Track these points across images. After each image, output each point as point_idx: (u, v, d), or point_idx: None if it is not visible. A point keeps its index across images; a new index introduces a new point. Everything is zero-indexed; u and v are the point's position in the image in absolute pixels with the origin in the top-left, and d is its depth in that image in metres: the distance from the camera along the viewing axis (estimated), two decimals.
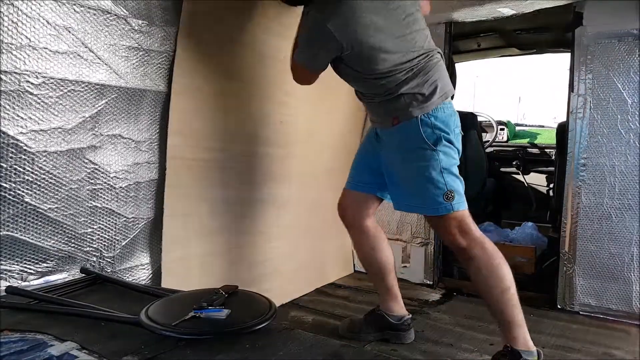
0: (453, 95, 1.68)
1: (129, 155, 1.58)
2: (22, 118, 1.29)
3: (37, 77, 1.30)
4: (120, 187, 1.57)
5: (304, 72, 1.68)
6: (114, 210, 1.56)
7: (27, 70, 1.28)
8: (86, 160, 1.47)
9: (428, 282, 2.81)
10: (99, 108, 1.47)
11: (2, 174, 1.28)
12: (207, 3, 1.71)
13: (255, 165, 2.09)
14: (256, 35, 1.94)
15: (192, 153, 1.80)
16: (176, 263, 1.77)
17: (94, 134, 1.47)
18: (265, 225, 2.19)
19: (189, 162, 1.79)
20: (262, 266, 2.19)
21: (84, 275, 1.46)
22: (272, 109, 2.13)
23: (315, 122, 2.41)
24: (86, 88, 1.42)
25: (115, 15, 1.45)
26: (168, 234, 1.72)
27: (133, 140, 1.58)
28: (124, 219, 1.60)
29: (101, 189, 1.52)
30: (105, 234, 1.55)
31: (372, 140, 1.80)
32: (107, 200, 1.54)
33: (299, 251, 2.44)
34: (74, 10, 1.35)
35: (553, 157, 3.58)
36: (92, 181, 1.49)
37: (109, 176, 1.53)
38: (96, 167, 1.50)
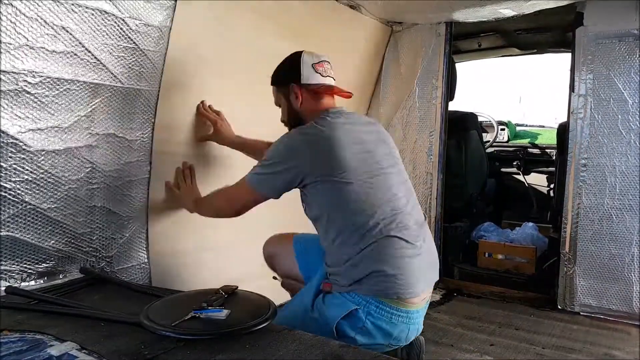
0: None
1: (122, 153, 1.58)
2: (20, 117, 1.29)
3: (34, 77, 1.30)
4: (115, 186, 1.57)
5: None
6: (110, 209, 1.56)
7: (25, 70, 1.28)
8: (83, 159, 1.46)
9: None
10: (92, 107, 1.46)
11: (2, 174, 1.28)
12: (201, 3, 1.71)
13: (253, 163, 2.09)
14: (247, 33, 1.94)
15: (180, 148, 1.80)
16: (163, 260, 1.77)
17: (89, 133, 1.47)
18: (264, 224, 2.18)
19: (176, 158, 1.79)
20: (262, 266, 2.19)
21: (83, 275, 1.46)
22: (266, 107, 2.12)
23: None
24: (81, 87, 1.42)
25: (113, 15, 1.44)
26: (153, 231, 1.72)
27: (126, 139, 1.58)
28: (120, 217, 1.60)
29: (98, 188, 1.52)
30: (103, 233, 1.55)
31: None
32: (104, 199, 1.54)
33: None
34: (72, 10, 1.35)
35: (554, 158, 3.58)
36: (89, 180, 1.49)
37: (104, 175, 1.53)
38: (93, 166, 1.49)
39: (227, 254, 2.03)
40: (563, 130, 2.59)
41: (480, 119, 3.73)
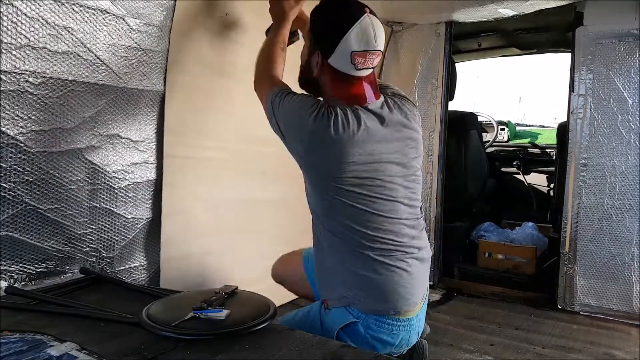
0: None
1: (127, 155, 1.58)
2: (22, 118, 1.29)
3: (36, 77, 1.30)
4: (119, 187, 1.57)
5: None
6: (113, 211, 1.56)
7: (27, 70, 1.28)
8: (85, 161, 1.46)
9: (429, 282, 2.82)
10: (98, 108, 1.47)
11: (2, 174, 1.28)
12: (201, 3, 1.71)
13: (254, 164, 2.09)
14: (250, 33, 1.94)
15: (189, 151, 1.80)
16: (174, 263, 1.77)
17: (93, 134, 1.47)
18: (264, 224, 2.18)
19: (186, 161, 1.79)
20: (262, 266, 2.19)
21: (83, 275, 1.46)
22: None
23: None
24: (86, 88, 1.42)
25: (114, 14, 1.45)
26: (166, 234, 1.71)
27: (131, 140, 1.58)
28: (123, 219, 1.60)
29: (100, 189, 1.52)
30: (104, 234, 1.55)
31: None
32: (106, 200, 1.54)
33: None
34: (73, 10, 1.35)
35: (554, 157, 3.58)
36: (91, 181, 1.49)
37: (107, 176, 1.53)
38: (95, 167, 1.49)
39: (230, 257, 2.03)
40: (563, 130, 2.59)
41: (480, 119, 3.73)
